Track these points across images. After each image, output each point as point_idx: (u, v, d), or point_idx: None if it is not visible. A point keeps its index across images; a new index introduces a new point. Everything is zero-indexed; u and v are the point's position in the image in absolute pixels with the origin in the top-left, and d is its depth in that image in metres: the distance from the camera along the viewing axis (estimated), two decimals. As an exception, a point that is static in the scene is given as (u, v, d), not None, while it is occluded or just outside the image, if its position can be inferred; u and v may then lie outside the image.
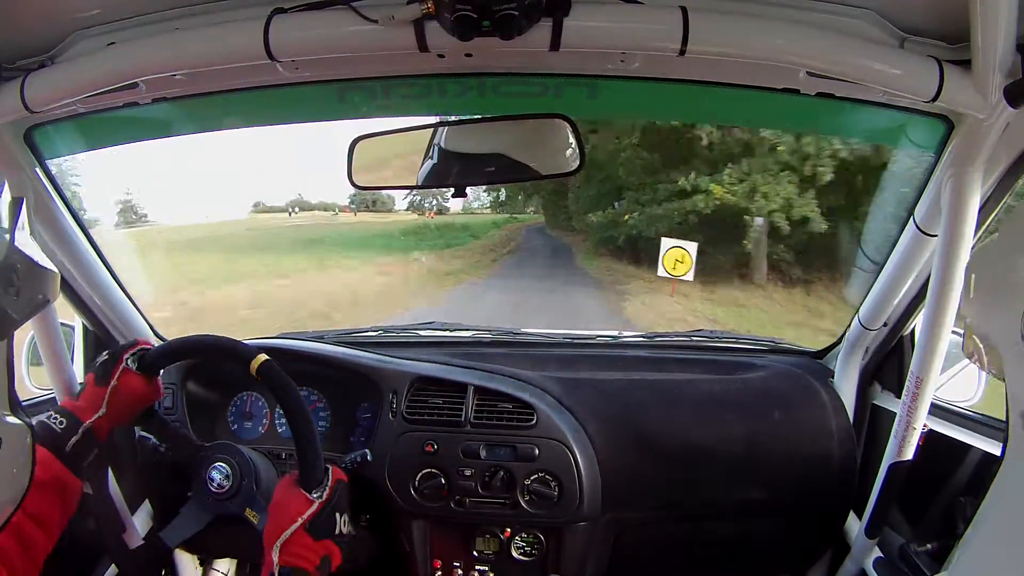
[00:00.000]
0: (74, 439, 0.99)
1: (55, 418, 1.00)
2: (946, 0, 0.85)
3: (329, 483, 1.03)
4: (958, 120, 1.01)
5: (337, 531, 1.02)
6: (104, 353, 1.11)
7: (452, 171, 1.15)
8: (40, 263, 0.72)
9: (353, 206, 18.01)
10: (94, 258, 1.34)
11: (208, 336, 1.16)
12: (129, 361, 1.09)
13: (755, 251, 9.16)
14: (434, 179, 1.17)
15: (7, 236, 0.72)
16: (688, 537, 1.47)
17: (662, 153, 9.94)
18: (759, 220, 8.94)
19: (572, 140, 1.10)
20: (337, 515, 1.03)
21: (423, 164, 1.16)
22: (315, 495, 1.01)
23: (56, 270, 0.78)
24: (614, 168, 10.38)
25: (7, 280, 0.65)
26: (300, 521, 0.98)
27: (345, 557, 1.04)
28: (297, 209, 18.25)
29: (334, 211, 18.36)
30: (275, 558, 0.95)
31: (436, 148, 1.15)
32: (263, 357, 1.08)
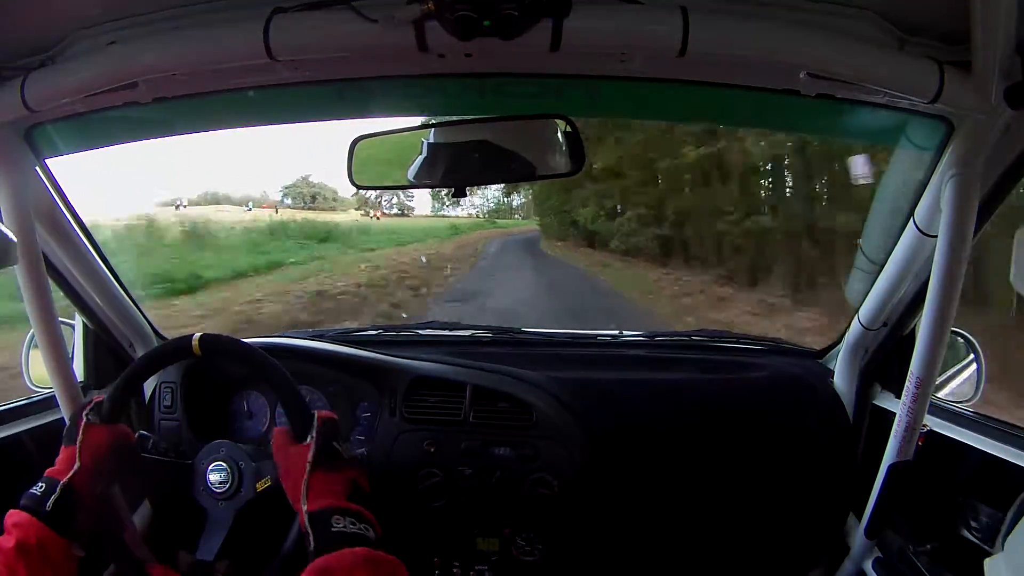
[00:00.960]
0: (52, 498, 1.00)
1: (38, 485, 1.03)
2: (946, 1, 0.85)
3: (316, 423, 1.05)
4: (958, 121, 1.01)
5: (346, 456, 1.04)
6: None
7: (447, 171, 1.14)
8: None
9: (289, 200, 15.65)
10: (94, 257, 1.34)
11: (145, 354, 1.18)
12: (89, 416, 1.11)
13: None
14: (427, 177, 1.17)
15: None
16: (688, 537, 1.47)
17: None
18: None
19: (572, 140, 1.10)
20: (335, 444, 1.04)
21: (413, 162, 1.16)
22: (310, 438, 1.03)
23: (14, 239, 0.78)
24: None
25: None
26: (310, 460, 1.00)
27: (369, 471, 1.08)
28: (185, 202, 14.70)
29: (247, 206, 15.31)
30: (305, 508, 0.96)
31: (425, 145, 1.15)
32: (199, 333, 1.11)
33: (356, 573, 0.85)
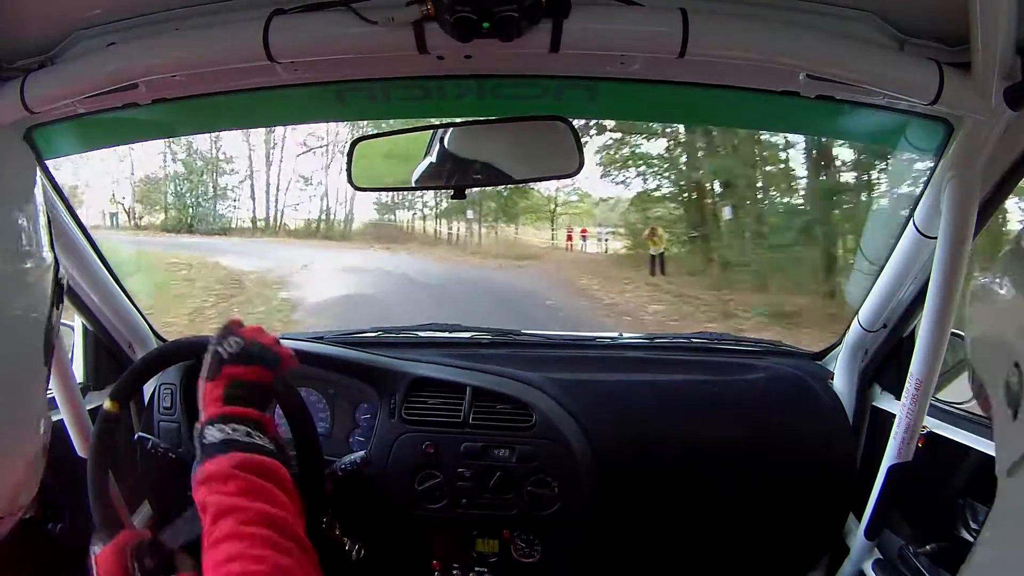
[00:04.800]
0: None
1: None
2: (946, 2, 0.84)
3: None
4: (958, 123, 1.01)
5: (225, 355, 0.94)
6: None
7: (447, 173, 1.14)
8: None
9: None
10: (94, 259, 1.34)
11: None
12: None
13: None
14: (430, 180, 1.17)
15: (51, 253, 0.71)
16: (687, 538, 1.47)
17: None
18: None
19: (571, 142, 1.10)
20: (219, 347, 0.95)
21: (418, 165, 1.17)
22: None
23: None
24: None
25: (59, 297, 0.65)
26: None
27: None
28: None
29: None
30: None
31: (430, 150, 1.15)
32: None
33: (230, 482, 0.78)
